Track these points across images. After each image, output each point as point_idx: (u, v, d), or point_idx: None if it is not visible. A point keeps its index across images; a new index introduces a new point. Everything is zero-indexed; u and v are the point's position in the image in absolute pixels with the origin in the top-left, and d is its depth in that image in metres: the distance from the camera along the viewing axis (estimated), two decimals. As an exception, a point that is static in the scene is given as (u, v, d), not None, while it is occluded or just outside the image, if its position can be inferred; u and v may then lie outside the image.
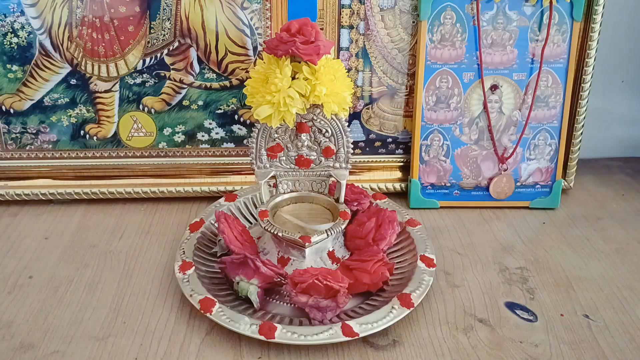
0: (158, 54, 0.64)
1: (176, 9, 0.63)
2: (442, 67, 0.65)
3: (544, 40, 0.64)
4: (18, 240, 0.61)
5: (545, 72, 0.65)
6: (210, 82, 0.66)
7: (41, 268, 0.56)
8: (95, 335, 0.48)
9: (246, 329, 0.46)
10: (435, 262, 0.54)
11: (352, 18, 0.64)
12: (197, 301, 0.48)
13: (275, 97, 0.50)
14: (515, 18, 0.64)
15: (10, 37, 0.62)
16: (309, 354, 0.46)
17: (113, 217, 0.65)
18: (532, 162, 0.68)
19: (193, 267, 0.52)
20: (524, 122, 0.66)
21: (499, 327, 0.49)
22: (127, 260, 0.58)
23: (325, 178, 0.57)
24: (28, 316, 0.50)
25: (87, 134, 0.67)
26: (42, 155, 0.67)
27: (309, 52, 0.49)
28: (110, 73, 0.65)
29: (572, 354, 0.47)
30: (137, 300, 0.52)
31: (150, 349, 0.46)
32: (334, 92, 0.51)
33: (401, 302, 0.49)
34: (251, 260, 0.50)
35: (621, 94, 0.80)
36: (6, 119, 0.66)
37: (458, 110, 0.66)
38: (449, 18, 0.63)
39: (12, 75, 0.64)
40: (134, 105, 0.66)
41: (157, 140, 0.68)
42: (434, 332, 0.49)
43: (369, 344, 0.47)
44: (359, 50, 0.66)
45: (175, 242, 0.60)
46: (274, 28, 0.64)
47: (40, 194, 0.67)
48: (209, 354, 0.46)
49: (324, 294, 0.47)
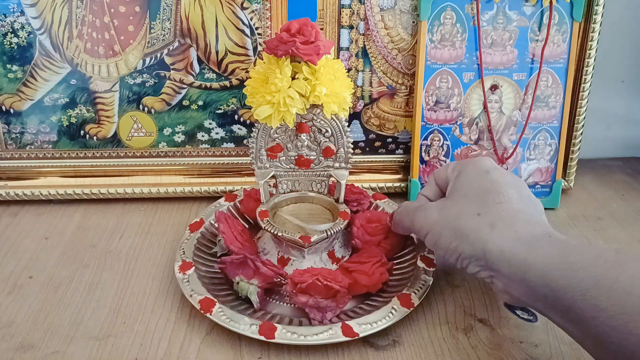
0: (158, 54, 0.64)
1: (176, 9, 0.63)
2: (442, 67, 0.65)
3: (544, 40, 0.64)
4: (18, 240, 0.61)
5: (545, 72, 0.65)
6: (210, 82, 0.66)
7: (41, 268, 0.56)
8: (95, 335, 0.48)
9: (246, 329, 0.46)
10: (435, 262, 0.54)
11: (352, 18, 0.64)
12: (197, 301, 0.48)
13: (275, 97, 0.50)
14: (515, 18, 0.64)
15: (10, 37, 0.62)
16: (309, 354, 0.46)
17: (113, 217, 0.65)
18: (532, 162, 0.68)
19: (193, 267, 0.52)
20: (524, 122, 0.66)
21: (499, 327, 0.49)
22: (127, 260, 0.58)
23: (325, 178, 0.57)
24: (28, 316, 0.50)
25: (87, 134, 0.67)
26: (42, 155, 0.67)
27: (309, 52, 0.49)
28: (111, 73, 0.65)
29: (572, 354, 0.47)
30: (137, 300, 0.52)
31: (150, 349, 0.46)
32: (334, 92, 0.51)
33: (401, 302, 0.49)
34: (251, 260, 0.50)
35: (621, 94, 0.80)
36: (6, 119, 0.66)
37: (458, 110, 0.66)
38: (449, 18, 0.63)
39: (12, 75, 0.64)
40: (134, 105, 0.66)
41: (157, 140, 0.68)
42: (434, 332, 0.49)
43: (369, 344, 0.47)
44: (359, 50, 0.66)
45: (175, 242, 0.60)
46: (274, 28, 0.64)
47: (40, 194, 0.67)
48: (209, 354, 0.46)
49: (324, 294, 0.47)
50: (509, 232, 0.42)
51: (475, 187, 0.46)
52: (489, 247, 0.42)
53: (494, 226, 0.43)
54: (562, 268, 0.39)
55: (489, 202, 0.44)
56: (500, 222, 0.43)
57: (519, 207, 0.44)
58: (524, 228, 0.42)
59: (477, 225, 0.43)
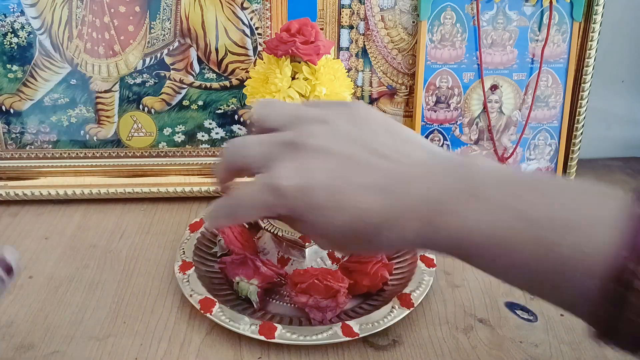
0: (158, 54, 0.64)
1: (176, 9, 0.63)
2: (442, 67, 0.65)
3: (544, 40, 0.64)
4: (18, 240, 0.61)
5: (545, 72, 0.65)
6: (210, 82, 0.66)
7: (41, 268, 0.56)
8: (95, 335, 0.48)
9: (246, 329, 0.46)
10: (435, 262, 0.54)
11: (352, 18, 0.64)
12: (197, 301, 0.48)
13: (275, 97, 0.50)
14: (515, 18, 0.64)
15: (10, 37, 0.62)
16: (309, 354, 0.46)
17: (113, 217, 0.65)
18: (532, 162, 0.68)
19: (193, 267, 0.52)
20: (524, 122, 0.66)
21: (499, 327, 0.49)
22: (127, 260, 0.58)
23: (325, 178, 0.57)
24: (28, 316, 0.50)
25: (87, 134, 0.67)
26: (42, 155, 0.67)
27: (309, 52, 0.49)
28: (111, 73, 0.65)
29: (572, 354, 0.47)
30: (137, 300, 0.52)
31: (150, 349, 0.46)
32: (334, 92, 0.51)
33: (401, 302, 0.49)
34: (251, 260, 0.50)
35: (621, 94, 0.80)
36: (6, 119, 0.66)
37: (458, 110, 0.66)
38: (449, 18, 0.63)
39: (12, 75, 0.64)
40: (134, 105, 0.66)
41: (157, 140, 0.68)
42: (434, 332, 0.49)
43: (369, 344, 0.47)
44: (359, 50, 0.66)
45: (175, 242, 0.60)
46: (274, 28, 0.64)
47: (40, 194, 0.67)
48: (209, 354, 0.46)
49: (324, 294, 0.47)
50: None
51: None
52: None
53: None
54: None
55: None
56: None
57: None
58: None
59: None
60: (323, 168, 0.32)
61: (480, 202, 0.30)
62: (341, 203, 0.31)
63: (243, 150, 0.36)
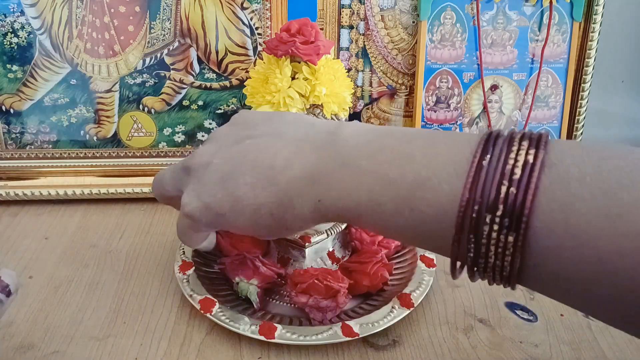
0: (158, 54, 0.64)
1: (176, 9, 0.63)
2: (442, 67, 0.65)
3: (544, 40, 0.64)
4: (18, 240, 0.61)
5: (545, 72, 0.65)
6: (210, 82, 0.66)
7: (41, 268, 0.56)
8: (95, 335, 0.48)
9: (246, 329, 0.46)
10: (435, 262, 0.54)
11: (352, 18, 0.64)
12: (197, 301, 0.48)
13: (275, 97, 0.50)
14: (515, 18, 0.64)
15: (10, 37, 0.62)
16: (309, 354, 0.46)
17: (113, 217, 0.65)
18: (532, 162, 0.68)
19: (193, 267, 0.52)
20: (524, 122, 0.66)
21: (499, 327, 0.49)
22: (127, 260, 0.58)
23: (325, 178, 0.57)
24: (28, 316, 0.50)
25: (87, 134, 0.67)
26: (42, 155, 0.67)
27: (308, 52, 0.49)
28: (111, 73, 0.65)
29: (572, 354, 0.47)
30: (137, 300, 0.52)
31: (150, 349, 0.46)
32: (334, 92, 0.51)
33: (401, 302, 0.49)
34: (251, 260, 0.50)
35: (621, 94, 0.80)
36: (6, 119, 0.66)
37: (458, 110, 0.66)
38: (449, 18, 0.63)
39: (12, 75, 0.64)
40: (134, 105, 0.66)
41: (157, 140, 0.68)
42: (434, 332, 0.49)
43: (369, 344, 0.47)
44: (359, 50, 0.66)
45: (175, 242, 0.60)
46: (274, 28, 0.64)
47: (40, 194, 0.67)
48: (209, 354, 0.46)
49: (324, 294, 0.47)
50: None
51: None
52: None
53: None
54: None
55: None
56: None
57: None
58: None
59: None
60: (213, 182, 0.36)
61: (346, 169, 0.32)
62: (237, 207, 0.35)
63: (161, 186, 0.44)
